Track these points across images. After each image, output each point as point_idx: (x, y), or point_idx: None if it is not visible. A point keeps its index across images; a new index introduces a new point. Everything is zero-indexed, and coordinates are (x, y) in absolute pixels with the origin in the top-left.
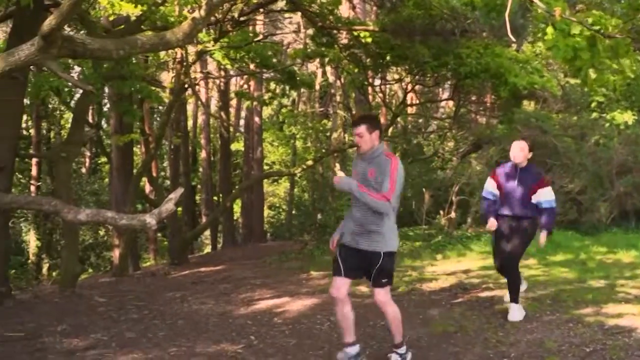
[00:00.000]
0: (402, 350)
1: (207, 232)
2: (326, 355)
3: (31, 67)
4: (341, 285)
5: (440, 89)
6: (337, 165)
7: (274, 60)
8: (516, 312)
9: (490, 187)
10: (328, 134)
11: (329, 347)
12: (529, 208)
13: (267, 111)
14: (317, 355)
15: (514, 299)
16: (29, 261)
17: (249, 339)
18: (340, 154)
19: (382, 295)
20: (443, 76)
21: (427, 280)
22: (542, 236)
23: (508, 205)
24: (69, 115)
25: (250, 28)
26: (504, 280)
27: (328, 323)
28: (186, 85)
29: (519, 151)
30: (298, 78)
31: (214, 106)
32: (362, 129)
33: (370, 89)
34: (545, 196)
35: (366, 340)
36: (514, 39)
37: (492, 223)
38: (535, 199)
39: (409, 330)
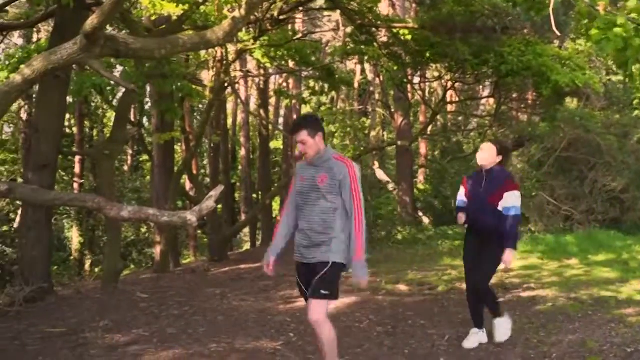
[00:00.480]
0: None
1: (246, 230)
2: (365, 353)
3: (74, 66)
4: None
5: (481, 86)
6: (376, 163)
7: (313, 58)
8: (503, 329)
9: (460, 195)
10: (366, 132)
11: (368, 345)
12: (497, 217)
13: (306, 109)
14: (356, 353)
15: (496, 313)
16: (72, 257)
17: (288, 336)
18: (379, 152)
19: (318, 313)
20: (484, 74)
21: None
22: (507, 254)
23: (474, 215)
24: (111, 114)
25: (290, 26)
26: (547, 279)
27: (367, 321)
28: (226, 84)
29: (485, 153)
30: (337, 76)
31: (253, 104)
32: (303, 135)
33: (409, 86)
34: (509, 201)
35: (405, 339)
36: (558, 34)
37: (460, 216)
38: (501, 205)
39: (450, 329)
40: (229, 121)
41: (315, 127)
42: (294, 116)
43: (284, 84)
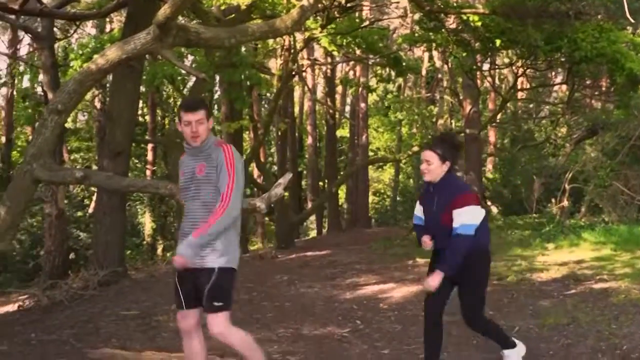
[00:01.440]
0: None
1: (313, 217)
2: None
3: (146, 55)
4: (186, 315)
5: (553, 73)
6: None
7: (380, 45)
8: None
9: (417, 211)
10: (434, 120)
11: None
12: None
13: (372, 97)
14: (422, 342)
15: (504, 344)
16: (144, 242)
17: (354, 323)
18: None
19: (217, 326)
20: (556, 60)
21: (537, 270)
22: (433, 276)
23: (433, 238)
24: None
25: (357, 14)
26: (619, 271)
27: None
28: (293, 72)
29: (425, 165)
30: (404, 63)
31: (319, 92)
32: (201, 114)
33: (478, 73)
34: (458, 219)
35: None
36: (632, 20)
37: (425, 241)
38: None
39: (520, 320)
40: (296, 109)
41: (209, 110)
42: (361, 104)
43: (351, 72)
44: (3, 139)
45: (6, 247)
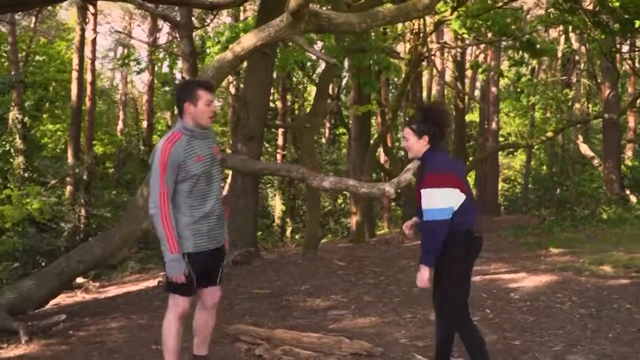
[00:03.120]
0: None
1: None
2: (566, 335)
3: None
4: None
5: None
6: (580, 137)
7: (513, 27)
8: None
9: None
10: (570, 104)
11: (570, 327)
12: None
13: (504, 81)
14: (556, 334)
15: None
16: (274, 224)
17: (484, 312)
18: (584, 126)
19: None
20: None
21: None
22: (420, 273)
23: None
24: (311, 88)
25: None
26: None
27: (569, 302)
28: (423, 56)
29: (404, 142)
30: (538, 46)
31: (448, 76)
32: (211, 96)
33: (618, 55)
34: (423, 203)
35: (610, 323)
36: None
37: (403, 228)
38: None
39: None
40: (424, 94)
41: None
42: (492, 88)
43: (482, 55)
44: (145, 124)
45: (149, 225)
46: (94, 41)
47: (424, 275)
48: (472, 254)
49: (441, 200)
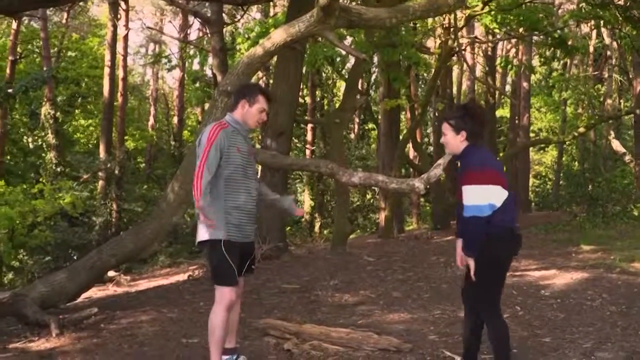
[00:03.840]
0: None
1: None
2: (596, 332)
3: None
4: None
5: None
6: (612, 133)
7: (545, 23)
8: None
9: None
10: (602, 99)
11: (600, 324)
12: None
13: (535, 76)
14: (586, 331)
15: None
16: (303, 219)
17: (514, 308)
18: (615, 121)
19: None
20: None
21: None
22: (468, 261)
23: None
24: (340, 84)
25: None
26: None
27: (599, 299)
28: (453, 51)
29: (442, 137)
30: (570, 42)
31: (478, 71)
32: (267, 105)
33: None
34: (464, 199)
35: None
36: None
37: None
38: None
39: None
40: (454, 89)
41: None
42: (523, 83)
43: (513, 50)
44: (175, 119)
45: (180, 219)
46: (125, 37)
47: (471, 265)
48: (513, 252)
49: (482, 197)
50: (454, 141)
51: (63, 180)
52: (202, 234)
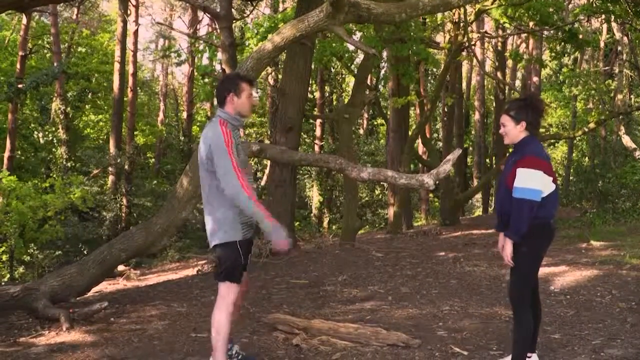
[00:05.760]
0: None
1: (479, 195)
2: (606, 329)
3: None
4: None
5: None
6: (622, 128)
7: (555, 17)
8: None
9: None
10: (612, 94)
11: (609, 321)
12: (511, 203)
13: (545, 71)
14: (596, 328)
15: (518, 348)
16: (312, 215)
17: None
18: (626, 117)
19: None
20: None
21: None
22: (506, 244)
23: (499, 204)
24: (349, 79)
25: None
26: None
27: (609, 296)
28: (462, 46)
29: (502, 128)
30: (580, 36)
31: (488, 66)
32: (253, 89)
33: None
34: (517, 180)
35: None
36: None
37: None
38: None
39: None
40: (464, 84)
41: None
42: (533, 78)
43: (523, 45)
44: (184, 115)
45: (189, 214)
46: (135, 33)
47: (507, 250)
48: (548, 245)
49: (538, 182)
50: (514, 131)
51: (73, 175)
52: (221, 236)
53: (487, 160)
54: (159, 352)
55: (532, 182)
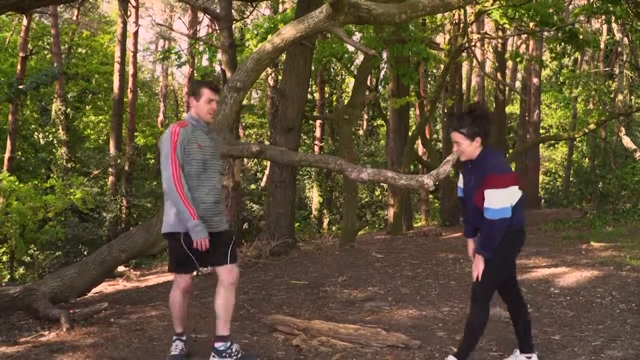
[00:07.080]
0: None
1: None
2: (606, 330)
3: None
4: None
5: None
6: (623, 129)
7: (555, 18)
8: None
9: (459, 183)
10: (612, 95)
11: (609, 322)
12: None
13: (546, 72)
14: (596, 329)
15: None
16: (312, 216)
17: None
18: (626, 118)
19: (237, 275)
20: None
21: None
22: (476, 262)
23: (468, 218)
24: (349, 80)
25: None
26: None
27: (609, 297)
28: (463, 47)
29: (455, 147)
30: (581, 36)
31: (488, 67)
32: (213, 95)
33: None
34: (487, 201)
35: None
36: None
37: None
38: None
39: None
40: (463, 85)
41: None
42: (533, 79)
43: (523, 46)
44: (184, 115)
45: None
46: (135, 34)
47: (479, 267)
48: (518, 248)
49: (506, 199)
50: (470, 149)
51: (74, 176)
52: (166, 226)
53: None
54: (158, 352)
55: (502, 202)
